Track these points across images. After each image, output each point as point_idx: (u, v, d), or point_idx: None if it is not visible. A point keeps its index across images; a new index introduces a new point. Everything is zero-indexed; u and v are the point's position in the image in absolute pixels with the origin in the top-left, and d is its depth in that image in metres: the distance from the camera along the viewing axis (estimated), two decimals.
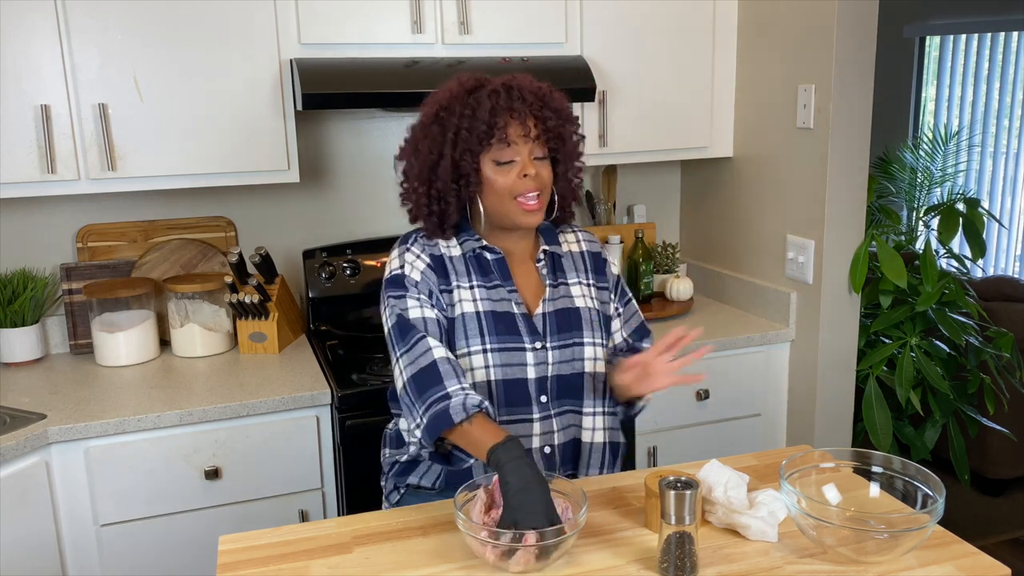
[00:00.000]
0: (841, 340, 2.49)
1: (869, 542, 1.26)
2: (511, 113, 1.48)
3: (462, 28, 2.35)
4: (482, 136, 1.48)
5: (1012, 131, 4.91)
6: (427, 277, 1.55)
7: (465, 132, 1.48)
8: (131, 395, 2.11)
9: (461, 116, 1.49)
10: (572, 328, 1.59)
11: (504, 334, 1.55)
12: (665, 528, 1.25)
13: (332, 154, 2.67)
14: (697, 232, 3.03)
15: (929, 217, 3.19)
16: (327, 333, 2.55)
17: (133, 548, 2.03)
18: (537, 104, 1.50)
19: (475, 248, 1.59)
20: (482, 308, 1.56)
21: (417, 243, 1.59)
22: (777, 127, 2.53)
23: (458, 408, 1.42)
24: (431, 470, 1.61)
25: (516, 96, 1.49)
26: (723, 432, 2.55)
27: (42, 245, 2.45)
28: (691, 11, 2.58)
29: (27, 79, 2.06)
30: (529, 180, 1.50)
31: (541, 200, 1.53)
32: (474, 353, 1.54)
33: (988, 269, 5.01)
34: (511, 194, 1.51)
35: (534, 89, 1.52)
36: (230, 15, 2.17)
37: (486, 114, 1.47)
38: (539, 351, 1.56)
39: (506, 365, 1.54)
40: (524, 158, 1.50)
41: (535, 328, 1.57)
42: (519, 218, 1.53)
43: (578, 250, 1.68)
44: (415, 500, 1.62)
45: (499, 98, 1.49)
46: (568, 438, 1.61)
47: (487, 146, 1.49)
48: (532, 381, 1.56)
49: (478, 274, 1.58)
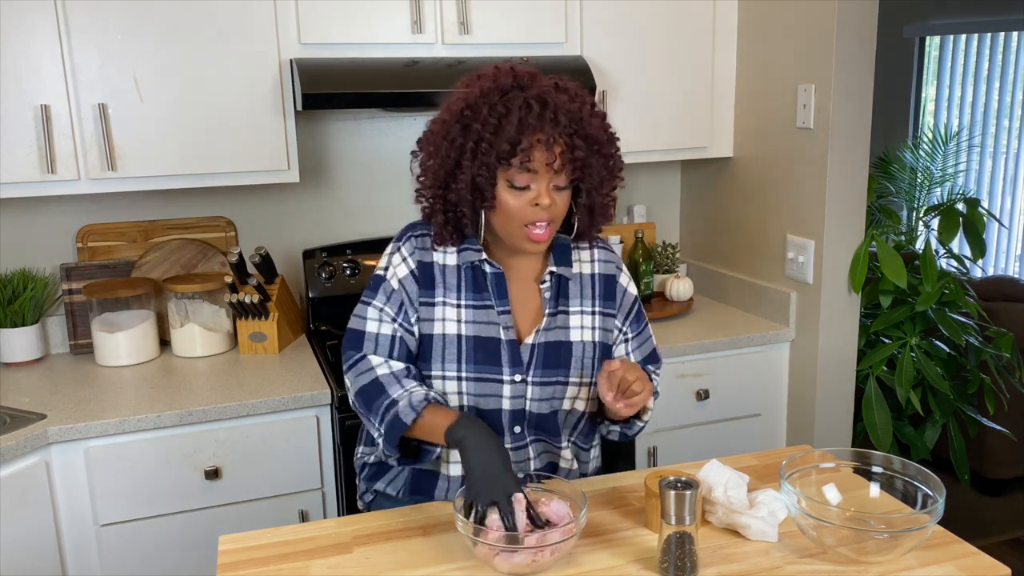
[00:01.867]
0: (841, 340, 2.49)
1: (869, 542, 1.26)
2: (539, 135, 1.34)
3: (462, 28, 2.35)
4: (503, 155, 1.34)
5: (1012, 131, 4.91)
6: (404, 287, 1.48)
7: (486, 146, 1.35)
8: (131, 395, 2.11)
9: (485, 123, 1.35)
10: (560, 365, 1.50)
11: (483, 363, 1.47)
12: (665, 528, 1.25)
13: (332, 154, 2.67)
14: (697, 232, 3.02)
15: (929, 217, 3.19)
16: (327, 333, 2.55)
17: (133, 548, 2.03)
18: (570, 129, 1.36)
19: (473, 261, 1.48)
20: (465, 331, 1.47)
21: (409, 243, 1.50)
22: (777, 127, 2.53)
23: (406, 409, 1.41)
24: (398, 477, 1.58)
25: (549, 117, 1.35)
26: (723, 432, 2.55)
27: (42, 245, 2.45)
28: (691, 11, 2.58)
29: (27, 79, 2.06)
30: (541, 210, 1.38)
31: (550, 229, 1.42)
32: (448, 379, 1.48)
33: (988, 269, 5.01)
34: (520, 220, 1.39)
35: (571, 111, 1.37)
36: (230, 15, 2.17)
37: (512, 131, 1.33)
38: (517, 384, 1.48)
39: (480, 395, 1.48)
40: (541, 187, 1.38)
41: (519, 358, 1.48)
42: (523, 244, 1.42)
43: (589, 272, 1.56)
44: (387, 504, 1.60)
45: (530, 114, 1.34)
46: (544, 463, 1.58)
47: (506, 166, 1.36)
48: (506, 412, 1.50)
49: (470, 290, 1.49)
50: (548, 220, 1.40)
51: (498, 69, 1.41)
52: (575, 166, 1.39)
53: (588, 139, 1.39)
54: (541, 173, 1.37)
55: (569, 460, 1.59)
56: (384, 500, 1.62)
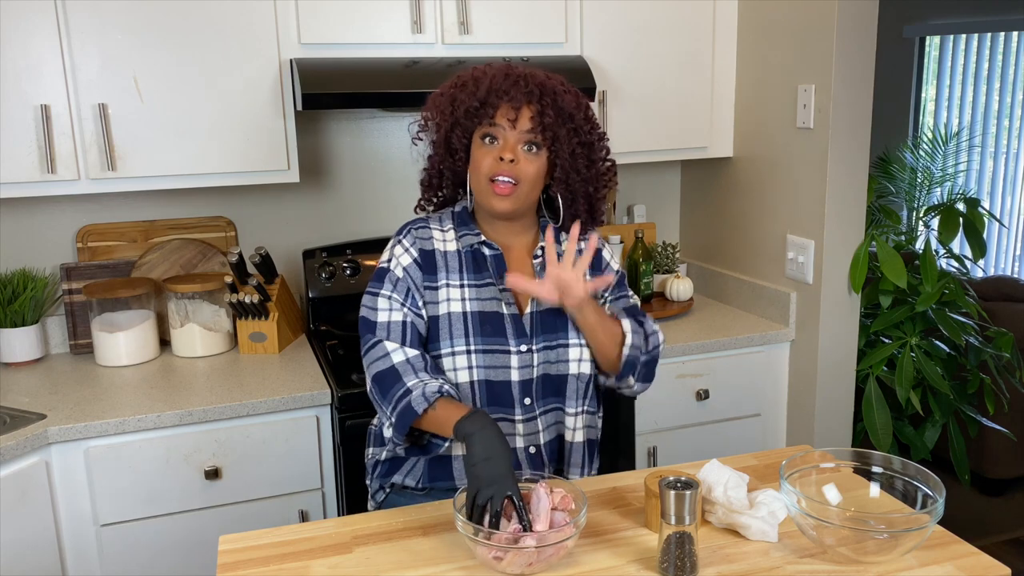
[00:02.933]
0: (841, 340, 2.49)
1: (869, 542, 1.26)
2: (505, 96, 1.48)
3: (462, 28, 2.35)
4: (472, 111, 1.50)
5: (1012, 131, 4.91)
6: (409, 274, 1.55)
7: (461, 107, 1.50)
8: (131, 395, 2.11)
9: (464, 88, 1.52)
10: (558, 329, 1.58)
11: (490, 336, 1.54)
12: (665, 528, 1.25)
13: (332, 154, 2.67)
14: (697, 232, 3.03)
15: (929, 217, 3.19)
16: (327, 333, 2.55)
17: (133, 548, 2.03)
18: (537, 94, 1.49)
19: (473, 244, 1.58)
20: (469, 308, 1.55)
21: (409, 235, 1.59)
22: (777, 127, 2.53)
23: (419, 399, 1.44)
24: (415, 468, 1.61)
25: (519, 83, 1.49)
26: (723, 432, 2.55)
27: (42, 245, 2.45)
28: (691, 11, 2.58)
29: (27, 79, 2.06)
30: (505, 164, 1.49)
31: (515, 190, 1.50)
32: (458, 354, 1.53)
33: (988, 269, 5.01)
34: (486, 173, 1.50)
35: (541, 81, 1.51)
36: (230, 15, 2.17)
37: (483, 92, 1.49)
38: (524, 354, 1.55)
39: (490, 367, 1.54)
40: (508, 142, 1.50)
41: (523, 330, 1.56)
42: (490, 199, 1.51)
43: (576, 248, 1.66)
44: (401, 500, 1.62)
45: (504, 81, 1.50)
46: (552, 436, 1.62)
47: (477, 124, 1.51)
48: (516, 384, 1.56)
49: (471, 271, 1.57)
50: (510, 176, 1.50)
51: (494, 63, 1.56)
52: (542, 130, 1.49)
53: (559, 110, 1.51)
54: (507, 129, 1.50)
55: (574, 431, 1.62)
56: (399, 496, 1.63)
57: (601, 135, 1.59)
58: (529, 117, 1.49)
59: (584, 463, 1.65)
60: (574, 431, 1.62)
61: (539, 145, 1.51)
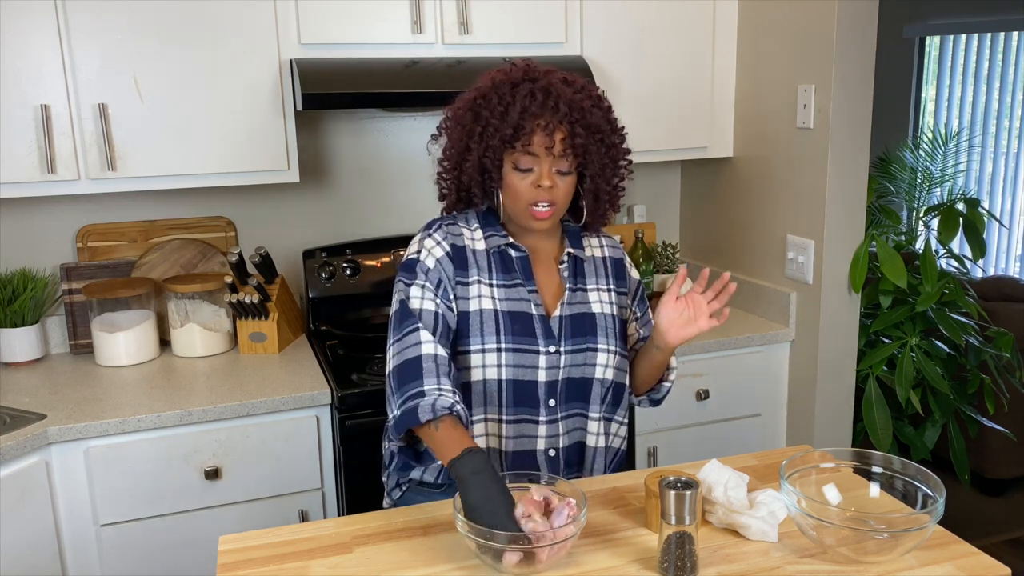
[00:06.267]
0: (841, 340, 2.49)
1: (869, 542, 1.26)
2: (540, 121, 1.45)
3: (462, 28, 2.35)
4: (506, 139, 1.47)
5: (1012, 131, 4.91)
6: (441, 266, 1.54)
7: (492, 130, 1.48)
8: (131, 395, 2.11)
9: (493, 110, 1.48)
10: (587, 333, 1.58)
11: (520, 335, 1.54)
12: (665, 528, 1.25)
13: (332, 154, 2.67)
14: (697, 232, 3.03)
15: (929, 217, 3.19)
16: (327, 333, 2.55)
17: (133, 548, 2.03)
18: (571, 117, 1.47)
19: (500, 245, 1.58)
20: (500, 307, 1.55)
21: (440, 230, 1.58)
22: (777, 127, 2.53)
23: (427, 408, 1.40)
24: (434, 464, 1.59)
25: (551, 105, 1.46)
26: (723, 432, 2.55)
27: (42, 245, 2.45)
28: (691, 11, 2.58)
29: (27, 79, 2.06)
30: (543, 192, 1.49)
31: (553, 211, 1.51)
32: (488, 351, 1.53)
33: (988, 269, 5.01)
34: (525, 201, 1.50)
35: (573, 101, 1.47)
36: (230, 15, 2.17)
37: (516, 116, 1.45)
38: (552, 355, 1.55)
39: (518, 366, 1.54)
40: (543, 169, 1.48)
41: (551, 331, 1.56)
42: (529, 222, 1.53)
43: (601, 255, 1.68)
44: (418, 497, 1.61)
45: (533, 102, 1.46)
46: (572, 441, 1.61)
47: (510, 149, 1.48)
48: (542, 384, 1.55)
49: (500, 271, 1.57)
50: (550, 201, 1.50)
51: (514, 65, 1.53)
52: (576, 152, 1.49)
53: (589, 127, 1.49)
54: (542, 157, 1.48)
55: (596, 436, 1.62)
56: (416, 494, 1.62)
57: (623, 135, 1.59)
58: (561, 139, 1.47)
59: (606, 471, 1.65)
60: (597, 436, 1.62)
61: (572, 166, 1.51)
